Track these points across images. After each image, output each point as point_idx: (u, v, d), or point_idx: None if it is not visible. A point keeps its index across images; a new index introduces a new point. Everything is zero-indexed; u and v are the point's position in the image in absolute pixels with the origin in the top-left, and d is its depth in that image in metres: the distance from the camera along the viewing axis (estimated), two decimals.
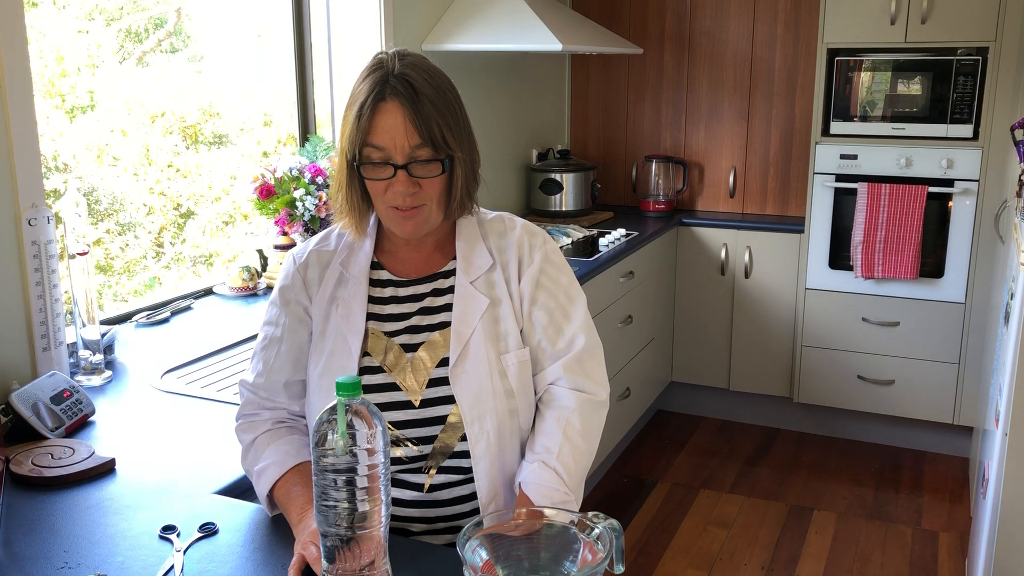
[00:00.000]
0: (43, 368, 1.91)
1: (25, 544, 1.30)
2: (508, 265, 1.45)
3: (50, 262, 1.92)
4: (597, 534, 1.08)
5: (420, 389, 1.39)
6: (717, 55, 4.23)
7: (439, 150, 1.34)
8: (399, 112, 1.31)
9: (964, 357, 3.75)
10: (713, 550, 3.21)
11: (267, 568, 1.24)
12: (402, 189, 1.33)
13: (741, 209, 4.32)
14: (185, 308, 2.59)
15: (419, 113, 1.31)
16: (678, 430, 4.24)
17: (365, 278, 1.45)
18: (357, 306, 1.42)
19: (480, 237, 1.47)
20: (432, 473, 1.40)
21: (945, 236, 3.70)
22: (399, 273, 1.46)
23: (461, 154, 1.37)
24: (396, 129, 1.32)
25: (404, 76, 1.33)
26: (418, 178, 1.34)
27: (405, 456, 1.39)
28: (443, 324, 1.42)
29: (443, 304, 1.43)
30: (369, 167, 1.35)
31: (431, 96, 1.33)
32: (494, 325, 1.42)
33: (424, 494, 1.40)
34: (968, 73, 3.56)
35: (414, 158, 1.33)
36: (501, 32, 3.28)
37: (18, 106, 1.87)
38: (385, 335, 1.42)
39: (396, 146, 1.32)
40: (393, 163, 1.33)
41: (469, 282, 1.43)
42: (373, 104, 1.32)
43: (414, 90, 1.32)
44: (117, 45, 2.91)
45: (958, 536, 3.30)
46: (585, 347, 1.45)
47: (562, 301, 1.46)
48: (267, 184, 2.84)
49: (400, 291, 1.45)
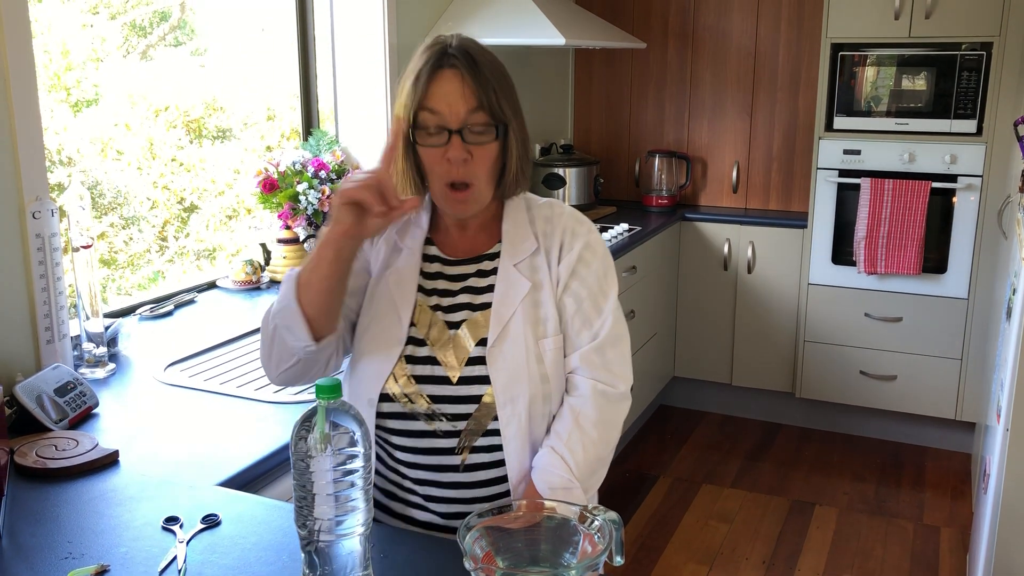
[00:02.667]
0: (47, 360, 1.92)
1: (30, 535, 1.31)
2: (551, 250, 1.46)
3: (54, 255, 1.93)
4: (597, 526, 1.09)
5: (459, 366, 1.41)
6: (720, 50, 4.23)
7: (495, 116, 1.36)
8: (456, 78, 1.35)
9: (967, 353, 3.75)
10: (715, 545, 3.22)
11: (269, 559, 1.24)
12: (456, 155, 1.35)
13: (744, 204, 4.32)
14: (189, 302, 2.60)
15: (477, 79, 1.35)
16: (680, 425, 4.24)
17: (419, 251, 1.47)
18: (409, 277, 1.45)
19: (527, 221, 1.48)
20: (465, 454, 1.41)
21: (948, 232, 3.70)
22: (447, 252, 1.49)
23: (516, 124, 1.40)
24: (453, 94, 1.34)
25: (463, 47, 1.38)
26: (471, 144, 1.36)
27: (439, 430, 1.41)
28: (485, 305, 1.44)
29: (487, 285, 1.45)
30: (423, 133, 1.36)
31: (488, 66, 1.38)
32: (534, 309, 1.43)
33: (460, 473, 1.42)
34: (972, 68, 3.56)
35: (468, 124, 1.35)
36: (504, 26, 3.28)
37: (22, 100, 1.87)
38: (430, 308, 1.45)
39: (451, 111, 1.35)
40: (448, 127, 1.35)
41: (513, 265, 1.45)
42: (431, 71, 1.35)
43: (472, 59, 1.36)
44: (121, 39, 2.92)
45: (959, 531, 3.30)
46: (608, 338, 1.45)
47: (593, 291, 1.46)
48: (270, 178, 2.84)
49: (447, 269, 1.48)
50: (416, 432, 1.41)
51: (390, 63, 3.07)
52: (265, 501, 1.43)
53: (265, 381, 1.99)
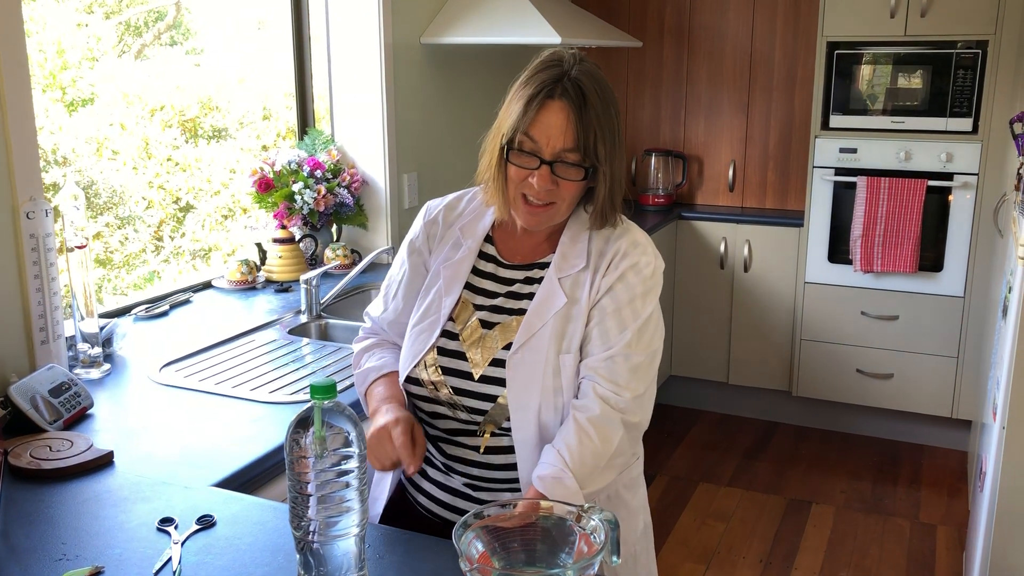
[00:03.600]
0: (41, 361, 1.91)
1: (23, 536, 1.30)
2: (599, 269, 1.45)
3: (48, 255, 1.92)
4: (593, 526, 1.09)
5: (483, 364, 1.45)
6: (716, 48, 4.23)
7: (587, 158, 1.39)
8: (563, 113, 1.37)
9: (963, 351, 3.76)
10: (711, 543, 3.22)
11: (265, 560, 1.24)
12: (542, 184, 1.39)
13: (740, 203, 4.32)
14: (184, 302, 2.59)
15: (581, 120, 1.37)
16: (677, 424, 4.24)
17: (477, 248, 1.53)
18: (462, 272, 1.51)
19: (586, 238, 1.48)
20: (486, 437, 1.46)
21: (944, 230, 3.70)
22: (504, 255, 1.53)
23: (608, 168, 1.41)
24: (555, 128, 1.37)
25: (578, 81, 1.38)
26: (558, 177, 1.39)
27: (460, 417, 1.47)
28: (521, 311, 1.47)
29: (529, 292, 1.49)
30: (517, 153, 1.40)
31: (597, 107, 1.38)
32: (564, 324, 1.44)
33: (480, 455, 1.47)
34: (968, 67, 3.56)
35: (561, 159, 1.38)
36: (500, 25, 3.27)
37: (15, 99, 1.87)
38: (473, 307, 1.50)
39: (548, 144, 1.38)
40: (540, 156, 1.38)
41: (558, 278, 1.46)
42: (543, 99, 1.37)
43: (584, 97, 1.37)
44: (116, 38, 2.91)
45: (956, 529, 3.31)
46: (621, 352, 1.43)
47: (621, 308, 1.43)
48: (266, 177, 2.83)
49: (500, 271, 1.52)
50: (440, 415, 1.49)
51: (385, 62, 3.06)
52: (260, 502, 1.42)
53: (261, 381, 1.99)
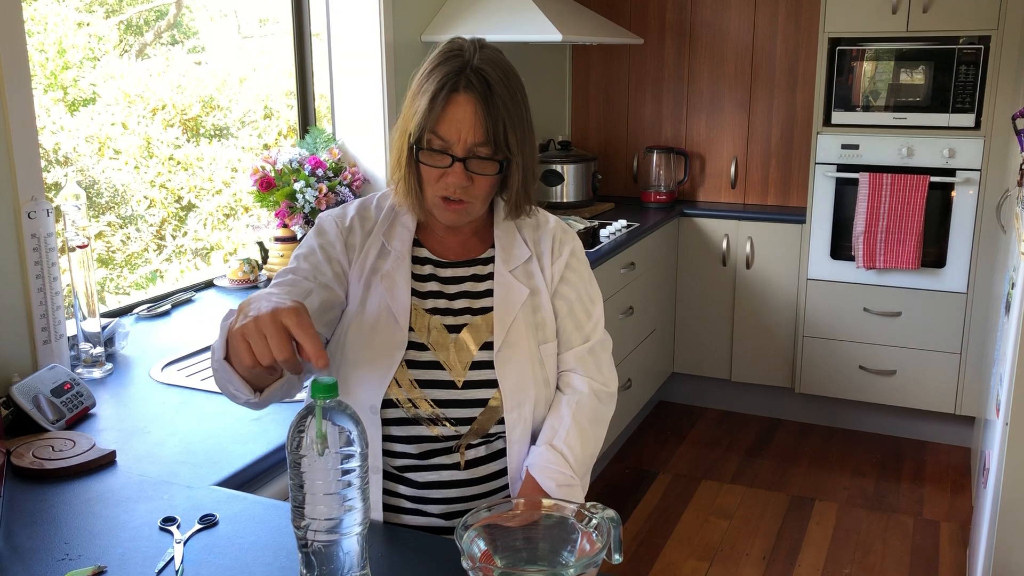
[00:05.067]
0: (44, 361, 1.92)
1: (26, 536, 1.30)
2: (543, 256, 1.50)
3: (50, 255, 1.92)
4: (595, 524, 1.09)
5: (463, 371, 1.41)
6: (718, 45, 4.22)
7: (499, 151, 1.36)
8: (470, 107, 1.33)
9: (966, 347, 3.75)
10: (714, 541, 3.22)
11: (267, 559, 1.24)
12: (456, 181, 1.36)
13: (742, 200, 4.31)
14: (186, 301, 2.59)
15: (489, 112, 1.33)
16: (679, 421, 4.24)
17: (408, 253, 1.45)
18: (402, 280, 1.43)
19: (516, 228, 1.51)
20: (463, 451, 1.42)
21: (947, 226, 3.69)
22: (438, 254, 1.49)
23: (521, 158, 1.39)
24: (464, 123, 1.33)
25: (481, 71, 1.34)
26: (473, 173, 1.36)
27: (441, 435, 1.41)
28: (484, 309, 1.45)
29: (484, 290, 1.47)
30: (427, 153, 1.36)
31: (504, 95, 1.35)
32: (533, 314, 1.46)
33: (461, 471, 1.43)
34: (970, 62, 3.55)
35: (474, 153, 1.35)
36: (501, 22, 3.27)
37: (16, 99, 1.87)
38: (426, 312, 1.44)
39: (460, 139, 1.34)
40: (452, 154, 1.35)
41: (509, 271, 1.47)
42: (448, 94, 1.33)
43: (489, 86, 1.34)
44: (117, 38, 2.91)
45: (959, 526, 3.30)
46: (598, 341, 1.52)
47: (582, 295, 1.52)
48: (267, 176, 2.83)
49: (440, 271, 1.47)
50: (417, 437, 1.41)
51: (387, 60, 3.06)
52: (262, 501, 1.42)
53: None
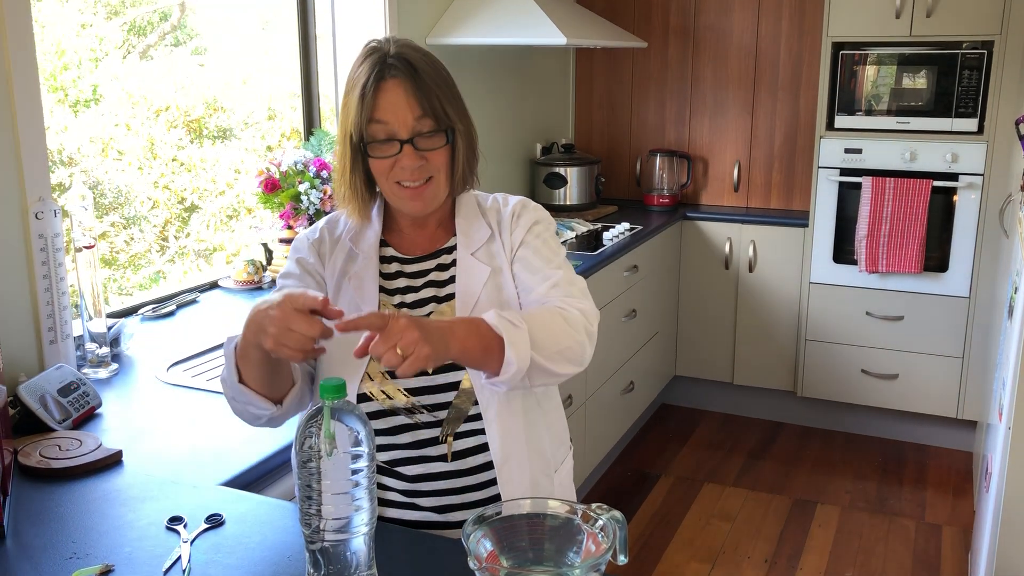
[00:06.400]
0: (50, 361, 1.92)
1: (34, 535, 1.31)
2: (503, 232, 1.50)
3: (57, 255, 1.93)
4: (601, 525, 1.09)
5: None
6: (721, 49, 4.23)
7: (440, 121, 1.39)
8: (400, 87, 1.37)
9: (968, 351, 3.75)
10: (716, 543, 3.22)
11: (273, 559, 1.25)
12: (409, 163, 1.38)
13: (745, 203, 4.32)
14: (191, 302, 2.60)
15: (419, 87, 1.37)
16: (682, 424, 4.24)
17: (375, 254, 1.48)
18: (369, 279, 1.46)
19: (479, 214, 1.52)
20: (450, 441, 1.42)
21: (950, 230, 3.70)
22: (404, 251, 1.51)
23: (462, 126, 1.43)
24: (399, 104, 1.36)
25: (401, 55, 1.39)
26: (423, 151, 1.38)
27: (421, 422, 1.42)
28: (450, 296, 1.46)
29: (448, 277, 1.48)
30: (375, 145, 1.39)
31: (429, 72, 1.39)
32: (498, 292, 1.46)
33: (449, 463, 1.43)
34: (973, 67, 3.56)
35: (418, 131, 1.38)
36: (505, 26, 3.28)
37: (25, 101, 1.87)
38: (394, 307, 1.46)
39: (400, 120, 1.37)
40: (398, 138, 1.37)
41: (470, 254, 1.47)
42: (375, 83, 1.36)
43: (412, 67, 1.38)
44: (120, 39, 2.92)
45: (961, 530, 3.30)
46: (564, 279, 1.45)
47: (542, 252, 1.47)
48: (272, 178, 2.84)
49: (406, 267, 1.49)
50: (398, 428, 1.42)
51: None
52: (269, 500, 1.43)
53: None
